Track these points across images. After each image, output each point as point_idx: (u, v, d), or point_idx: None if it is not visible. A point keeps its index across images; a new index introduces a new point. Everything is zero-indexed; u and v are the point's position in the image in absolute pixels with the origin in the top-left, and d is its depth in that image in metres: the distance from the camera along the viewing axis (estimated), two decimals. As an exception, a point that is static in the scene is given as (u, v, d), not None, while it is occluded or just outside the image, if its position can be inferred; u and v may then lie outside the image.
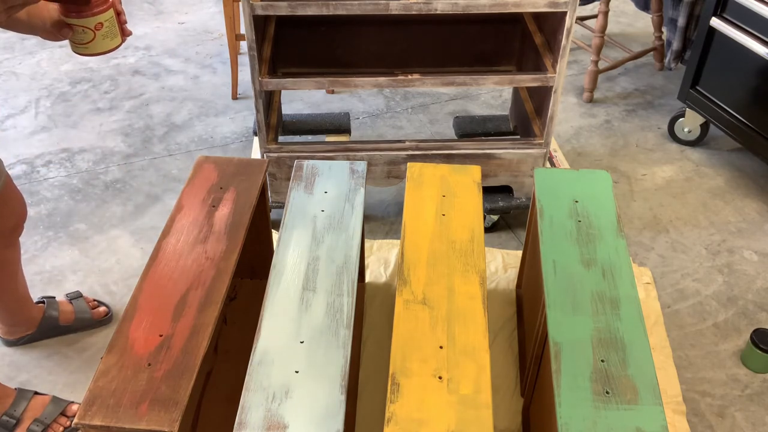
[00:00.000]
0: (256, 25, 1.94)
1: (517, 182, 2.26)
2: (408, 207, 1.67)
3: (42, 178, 2.58)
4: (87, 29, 1.24)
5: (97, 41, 1.26)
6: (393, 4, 1.87)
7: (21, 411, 1.70)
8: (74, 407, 1.74)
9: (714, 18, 2.45)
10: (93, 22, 1.24)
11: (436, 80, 2.05)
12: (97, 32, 1.25)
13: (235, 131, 2.87)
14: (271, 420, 1.18)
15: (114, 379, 1.23)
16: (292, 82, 2.06)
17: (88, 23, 1.24)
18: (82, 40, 1.26)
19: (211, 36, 3.57)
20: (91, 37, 1.25)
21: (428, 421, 1.20)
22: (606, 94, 3.12)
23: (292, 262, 1.49)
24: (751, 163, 2.69)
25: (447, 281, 1.47)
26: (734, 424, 1.78)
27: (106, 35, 1.27)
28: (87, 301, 1.98)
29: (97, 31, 1.25)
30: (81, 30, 1.24)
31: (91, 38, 1.25)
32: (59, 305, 1.93)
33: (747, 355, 1.92)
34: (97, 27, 1.24)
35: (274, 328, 1.34)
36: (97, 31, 1.25)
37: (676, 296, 2.13)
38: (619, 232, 1.60)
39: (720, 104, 2.55)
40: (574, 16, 1.92)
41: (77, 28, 1.24)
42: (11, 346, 1.91)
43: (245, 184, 1.69)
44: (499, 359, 1.86)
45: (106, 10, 1.25)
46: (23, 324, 1.88)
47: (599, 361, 1.31)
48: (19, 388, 1.76)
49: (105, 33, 1.27)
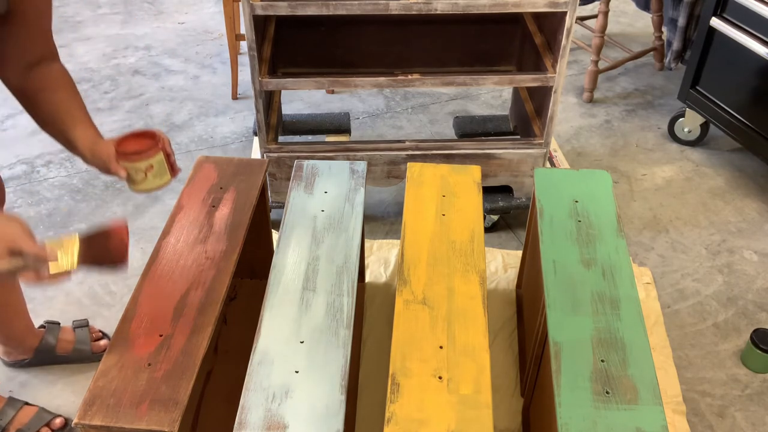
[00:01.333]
0: (256, 25, 1.94)
1: (517, 182, 2.26)
2: (408, 207, 1.67)
3: (42, 178, 2.58)
4: (139, 171, 1.37)
5: (147, 180, 1.39)
6: (393, 4, 1.87)
7: (7, 421, 1.69)
8: (57, 421, 1.71)
9: (714, 18, 2.45)
10: (144, 165, 1.36)
11: (436, 80, 2.05)
12: (148, 173, 1.37)
13: (235, 131, 2.87)
14: (271, 420, 1.18)
15: (114, 379, 1.23)
16: (292, 82, 2.06)
17: (140, 166, 1.36)
18: (134, 180, 1.38)
19: (211, 36, 3.57)
20: (142, 177, 1.38)
21: (428, 421, 1.20)
22: (606, 94, 3.12)
23: (292, 262, 1.49)
24: (751, 163, 2.69)
25: (447, 281, 1.47)
26: (734, 424, 1.78)
27: (156, 175, 1.39)
28: (92, 331, 1.93)
29: (148, 172, 1.37)
30: (134, 171, 1.36)
31: (143, 178, 1.38)
32: (60, 332, 1.89)
33: (747, 355, 1.92)
34: (147, 169, 1.37)
35: (274, 328, 1.34)
36: (148, 172, 1.37)
37: (676, 296, 2.13)
38: (619, 232, 1.60)
39: (720, 104, 2.55)
40: (574, 16, 1.92)
41: (131, 170, 1.36)
42: (9, 367, 1.88)
43: (245, 184, 1.69)
44: (499, 359, 1.86)
45: (155, 154, 1.37)
46: (20, 345, 1.83)
47: (599, 361, 1.31)
48: (10, 397, 1.74)
49: (155, 173, 1.39)
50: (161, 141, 1.39)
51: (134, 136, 1.40)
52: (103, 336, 1.94)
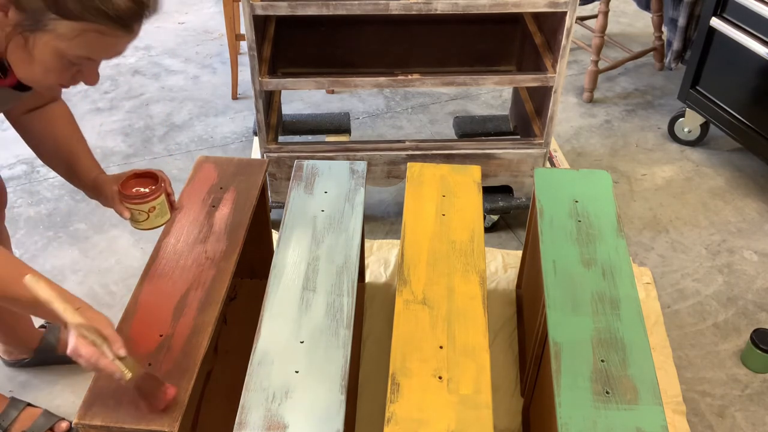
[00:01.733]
0: (256, 25, 1.94)
1: (517, 182, 2.26)
2: (408, 207, 1.67)
3: (42, 178, 2.58)
4: (142, 212, 1.47)
5: (150, 220, 1.48)
6: (393, 4, 1.87)
7: (9, 421, 1.68)
8: (63, 425, 1.71)
9: (714, 18, 2.45)
10: (147, 207, 1.46)
11: (436, 80, 2.05)
12: (150, 214, 1.47)
13: (235, 131, 2.87)
14: (271, 420, 1.18)
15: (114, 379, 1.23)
16: (292, 82, 2.06)
17: (143, 208, 1.46)
18: (137, 219, 1.48)
19: (211, 36, 3.57)
20: (145, 217, 1.47)
21: (428, 421, 1.20)
22: (606, 94, 3.12)
23: (292, 262, 1.49)
24: (751, 163, 2.69)
25: (447, 281, 1.47)
26: (734, 424, 1.78)
27: (158, 215, 1.49)
28: None
29: (150, 213, 1.47)
30: (137, 213, 1.47)
31: (146, 218, 1.48)
32: (60, 332, 1.88)
33: (747, 355, 1.92)
34: (150, 210, 1.47)
35: (274, 328, 1.34)
36: (150, 213, 1.47)
37: (676, 296, 2.13)
38: (619, 232, 1.60)
39: (720, 104, 2.54)
40: (574, 16, 1.92)
41: (134, 212, 1.46)
42: (9, 366, 1.88)
43: (245, 184, 1.69)
44: (499, 359, 1.86)
45: (158, 197, 1.47)
46: (21, 345, 1.83)
47: (599, 361, 1.31)
48: (12, 398, 1.73)
49: (157, 213, 1.48)
50: (163, 182, 1.48)
51: (136, 176, 1.49)
52: None
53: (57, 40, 1.07)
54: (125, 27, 1.10)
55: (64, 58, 1.11)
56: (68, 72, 1.15)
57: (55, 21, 1.05)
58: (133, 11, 1.09)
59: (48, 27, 1.06)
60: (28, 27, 1.07)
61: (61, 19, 1.05)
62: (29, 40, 1.08)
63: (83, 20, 1.06)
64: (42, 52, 1.09)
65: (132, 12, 1.09)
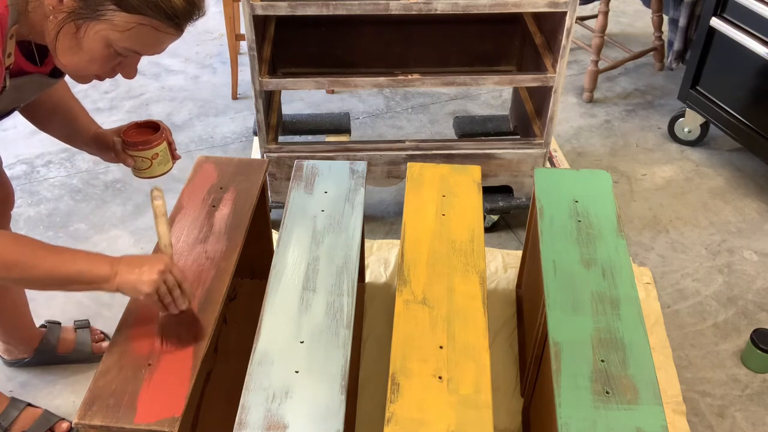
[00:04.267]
0: (256, 25, 1.94)
1: (517, 182, 2.26)
2: (408, 207, 1.67)
3: (42, 178, 2.58)
4: (145, 159, 1.46)
5: (153, 167, 1.48)
6: (393, 4, 1.87)
7: (10, 421, 1.68)
8: (64, 425, 1.70)
9: (714, 18, 2.45)
10: (150, 153, 1.46)
11: (436, 80, 2.05)
12: (153, 161, 1.47)
13: (235, 131, 2.87)
14: (271, 420, 1.18)
15: (114, 379, 1.23)
16: (292, 82, 2.06)
17: (146, 155, 1.46)
18: (141, 167, 1.48)
19: (211, 36, 3.57)
20: (148, 165, 1.47)
21: (428, 421, 1.20)
22: (606, 94, 3.12)
23: (292, 262, 1.49)
24: (751, 163, 2.69)
25: (447, 281, 1.47)
26: (734, 424, 1.78)
27: (161, 162, 1.48)
28: (93, 332, 1.92)
29: (153, 160, 1.47)
30: (141, 160, 1.46)
31: (149, 165, 1.47)
32: (61, 332, 1.88)
33: (747, 355, 1.92)
34: (153, 157, 1.46)
35: (274, 328, 1.34)
36: (153, 160, 1.47)
37: (676, 296, 2.13)
38: (619, 232, 1.60)
39: (720, 104, 2.54)
40: (574, 16, 1.92)
41: (138, 159, 1.46)
42: (9, 366, 1.88)
43: (245, 184, 1.69)
44: (499, 359, 1.86)
45: (161, 143, 1.46)
46: (21, 344, 1.83)
47: (599, 361, 1.31)
48: (13, 398, 1.73)
49: (160, 161, 1.48)
50: (164, 130, 1.47)
51: (137, 126, 1.48)
52: (104, 337, 1.93)
53: (110, 30, 1.11)
54: (177, 25, 1.16)
55: (111, 48, 1.15)
56: (111, 63, 1.19)
57: (113, 12, 1.09)
58: (187, 11, 1.15)
59: (104, 17, 1.10)
60: (84, 15, 1.10)
61: (119, 10, 1.09)
62: (81, 28, 1.11)
63: (140, 14, 1.10)
64: (92, 41, 1.13)
65: (186, 12, 1.15)
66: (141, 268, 1.23)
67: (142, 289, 1.23)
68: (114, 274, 1.22)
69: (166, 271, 1.25)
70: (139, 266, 1.23)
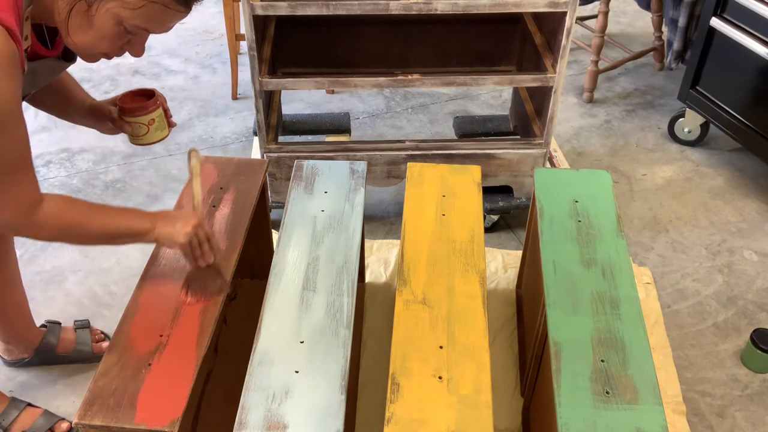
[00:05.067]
0: (256, 25, 1.94)
1: (517, 182, 2.26)
2: (408, 207, 1.67)
3: (42, 178, 2.58)
4: (142, 125, 1.49)
5: (150, 133, 1.51)
6: (393, 4, 1.87)
7: (10, 421, 1.67)
8: (64, 425, 1.70)
9: (714, 18, 2.45)
10: (147, 119, 1.48)
11: (436, 80, 2.05)
12: (150, 127, 1.49)
13: (235, 131, 2.87)
14: (271, 420, 1.18)
15: (114, 379, 1.23)
16: (292, 82, 2.06)
17: (143, 121, 1.48)
18: (138, 134, 1.50)
19: (211, 36, 3.57)
20: (145, 131, 1.50)
21: (428, 421, 1.20)
22: (606, 94, 3.12)
23: (292, 262, 1.49)
24: (751, 163, 2.69)
25: (447, 281, 1.47)
26: (734, 424, 1.78)
27: (157, 128, 1.51)
28: (93, 332, 1.92)
29: (150, 126, 1.49)
30: (137, 126, 1.49)
31: (146, 132, 1.50)
32: (61, 332, 1.88)
33: (747, 355, 1.92)
34: (150, 123, 1.49)
35: (274, 328, 1.34)
36: (150, 126, 1.49)
37: (676, 296, 2.13)
38: (619, 232, 1.60)
39: (720, 104, 2.55)
40: (574, 16, 1.92)
41: (134, 125, 1.49)
42: (9, 366, 1.88)
43: (245, 184, 1.69)
44: (499, 359, 1.86)
45: (156, 108, 1.49)
46: (21, 344, 1.83)
47: (599, 361, 1.31)
48: (13, 397, 1.73)
49: (156, 127, 1.51)
50: (159, 97, 1.50)
51: (132, 94, 1.52)
52: (105, 338, 1.93)
53: (121, 8, 1.14)
54: (186, 3, 1.20)
55: (122, 26, 1.17)
56: (120, 41, 1.22)
57: None
58: None
59: None
60: None
61: None
62: (93, 5, 1.14)
63: None
64: (103, 18, 1.15)
65: None
66: (176, 222, 1.36)
67: (178, 239, 1.36)
68: (153, 227, 1.34)
69: (199, 225, 1.37)
70: (175, 221, 1.36)
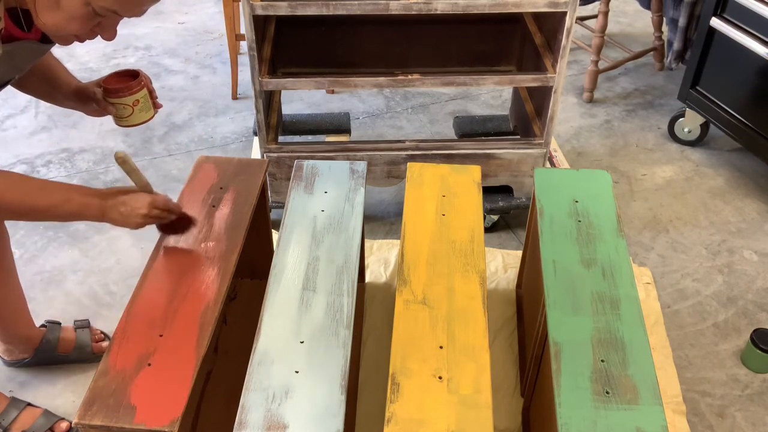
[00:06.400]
0: (256, 25, 1.94)
1: (517, 182, 2.26)
2: (408, 207, 1.67)
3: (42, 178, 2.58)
4: (126, 106, 1.48)
5: (134, 114, 1.50)
6: (393, 4, 1.87)
7: (10, 421, 1.67)
8: (63, 425, 1.70)
9: (714, 18, 2.45)
10: (131, 100, 1.48)
11: (436, 80, 2.05)
12: (134, 108, 1.49)
13: (235, 131, 2.87)
14: (271, 420, 1.18)
15: (114, 379, 1.23)
16: (292, 82, 2.06)
17: (127, 101, 1.48)
18: (122, 115, 1.50)
19: (211, 36, 3.57)
20: (129, 112, 1.49)
21: (428, 421, 1.20)
22: (606, 94, 3.12)
23: (292, 262, 1.49)
24: (751, 163, 2.69)
25: (447, 281, 1.47)
26: (734, 424, 1.78)
27: (142, 109, 1.51)
28: (93, 332, 1.92)
29: (134, 107, 1.49)
30: (122, 107, 1.49)
31: (130, 113, 1.50)
32: (61, 332, 1.88)
33: (747, 355, 1.92)
34: (134, 104, 1.49)
35: (274, 328, 1.34)
36: (134, 107, 1.49)
37: (676, 296, 2.13)
38: (619, 232, 1.60)
39: (720, 104, 2.54)
40: (574, 16, 1.92)
41: (119, 106, 1.48)
42: (9, 366, 1.88)
43: (245, 184, 1.69)
44: (499, 359, 1.86)
45: (141, 89, 1.48)
46: (21, 344, 1.83)
47: (599, 361, 1.31)
48: (13, 397, 1.73)
49: (140, 107, 1.50)
50: (144, 77, 1.49)
51: (117, 75, 1.51)
52: (104, 337, 1.93)
53: None
54: None
55: (89, 7, 1.16)
56: (90, 23, 1.20)
57: None
58: None
59: None
60: None
61: None
62: None
63: None
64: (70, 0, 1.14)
65: None
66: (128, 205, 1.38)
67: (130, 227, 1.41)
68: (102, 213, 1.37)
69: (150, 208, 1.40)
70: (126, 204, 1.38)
